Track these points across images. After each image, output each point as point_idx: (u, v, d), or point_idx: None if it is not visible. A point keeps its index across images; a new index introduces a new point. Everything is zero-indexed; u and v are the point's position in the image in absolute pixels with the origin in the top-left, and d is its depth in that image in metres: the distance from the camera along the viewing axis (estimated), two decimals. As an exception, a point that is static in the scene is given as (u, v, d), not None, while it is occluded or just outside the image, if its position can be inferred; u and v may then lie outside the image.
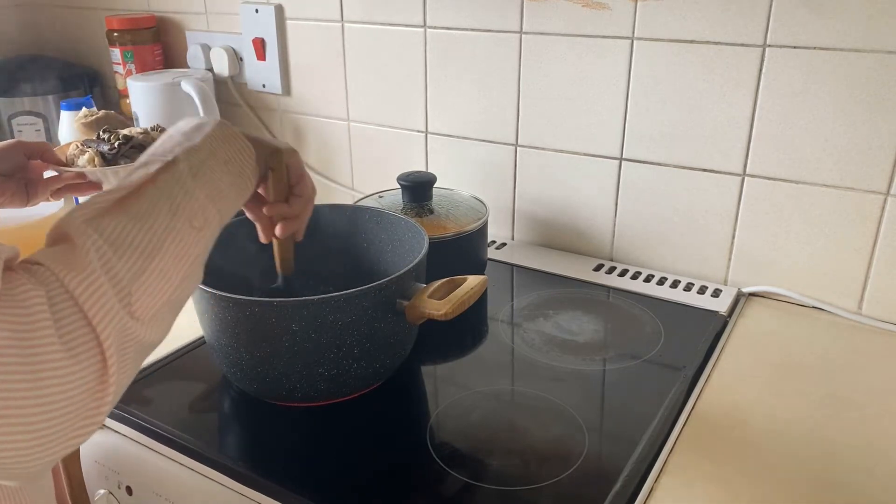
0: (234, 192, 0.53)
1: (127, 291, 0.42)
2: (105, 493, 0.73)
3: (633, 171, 0.97)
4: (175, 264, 0.45)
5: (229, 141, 0.55)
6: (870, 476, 0.62)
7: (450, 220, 0.92)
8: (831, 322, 0.87)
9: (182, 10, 1.36)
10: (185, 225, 0.47)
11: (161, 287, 0.44)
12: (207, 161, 0.51)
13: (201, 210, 0.49)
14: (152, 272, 0.44)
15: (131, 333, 0.42)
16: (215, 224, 0.50)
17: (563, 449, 0.66)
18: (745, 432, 0.68)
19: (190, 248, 0.47)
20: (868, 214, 0.84)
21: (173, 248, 0.45)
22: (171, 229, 0.46)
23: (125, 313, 0.42)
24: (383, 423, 0.70)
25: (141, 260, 0.43)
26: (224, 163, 0.53)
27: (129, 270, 0.42)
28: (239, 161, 0.55)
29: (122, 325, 0.41)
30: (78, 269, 0.40)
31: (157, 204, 0.46)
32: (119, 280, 0.42)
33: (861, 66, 0.79)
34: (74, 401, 0.39)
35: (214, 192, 0.50)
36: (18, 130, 1.41)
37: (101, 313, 0.40)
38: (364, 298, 0.65)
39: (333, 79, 1.19)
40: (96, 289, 0.40)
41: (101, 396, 0.41)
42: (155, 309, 0.44)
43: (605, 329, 0.86)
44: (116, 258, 0.42)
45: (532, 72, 1.00)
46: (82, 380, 0.39)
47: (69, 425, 0.40)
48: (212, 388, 0.76)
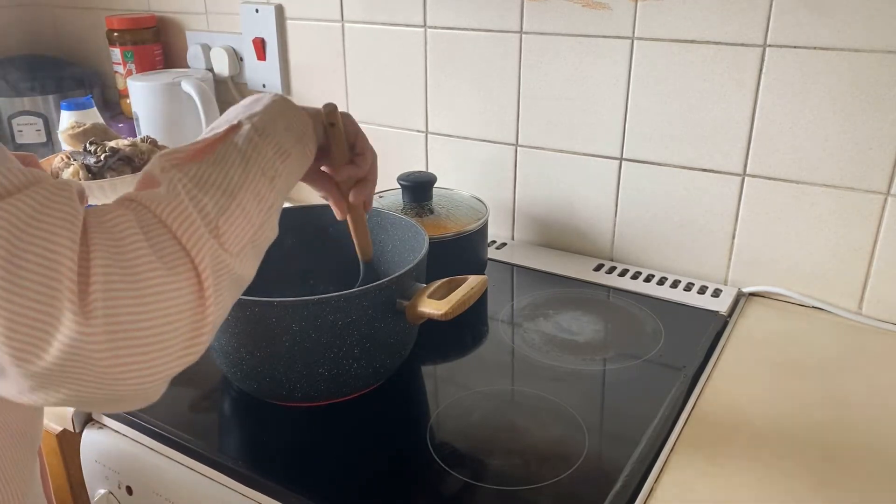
0: (297, 153, 0.55)
1: (215, 224, 0.44)
2: (105, 493, 0.73)
3: (633, 171, 0.97)
4: (255, 206, 0.47)
5: (288, 110, 0.57)
6: (870, 476, 0.62)
7: (450, 220, 0.92)
8: (831, 322, 0.87)
9: (182, 10, 1.36)
10: (258, 173, 0.49)
11: (244, 225, 0.46)
12: (270, 125, 0.53)
13: (271, 163, 0.51)
14: (235, 209, 0.45)
15: (223, 262, 0.43)
16: (285, 178, 0.52)
17: (563, 449, 0.66)
18: (745, 432, 0.68)
19: (266, 194, 0.49)
20: (868, 214, 0.84)
21: (252, 191, 0.47)
22: (246, 174, 0.48)
23: (215, 242, 0.43)
24: (383, 423, 0.70)
25: (224, 198, 0.45)
26: (285, 128, 0.55)
27: (215, 206, 0.44)
28: (298, 128, 0.56)
29: (213, 251, 0.43)
30: (167, 201, 0.43)
31: (230, 156, 0.48)
32: (207, 213, 0.44)
33: (861, 66, 0.79)
34: (178, 316, 0.40)
35: (280, 150, 0.52)
36: (19, 130, 1.41)
37: (193, 238, 0.42)
38: (364, 298, 0.65)
39: (333, 79, 1.19)
40: (186, 217, 0.42)
41: (201, 317, 0.42)
42: (241, 244, 0.45)
43: (606, 329, 0.86)
44: (202, 194, 0.44)
45: (532, 72, 1.00)
46: (183, 295, 0.41)
47: (176, 342, 0.41)
48: (212, 388, 0.76)
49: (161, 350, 0.40)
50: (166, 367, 0.41)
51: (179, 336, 0.41)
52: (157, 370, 0.41)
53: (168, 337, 0.40)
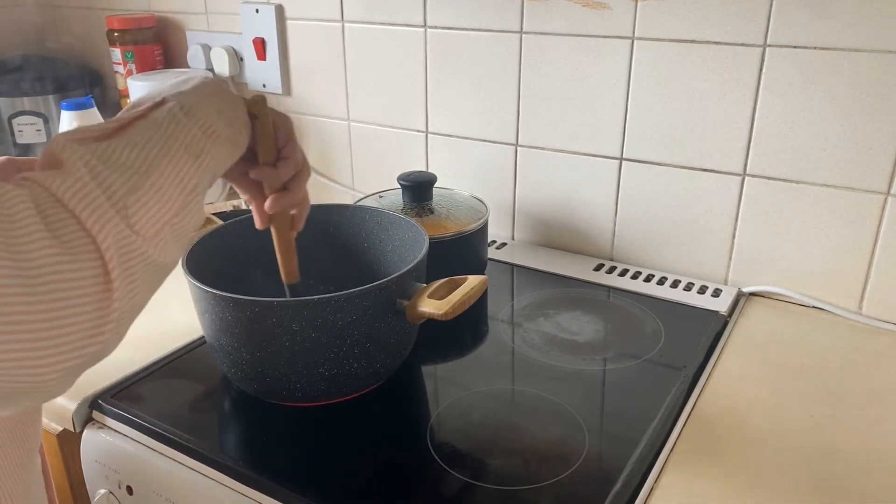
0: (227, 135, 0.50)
1: (122, 203, 0.40)
2: (105, 493, 0.73)
3: (633, 171, 0.97)
4: (174, 186, 0.43)
5: (220, 93, 0.52)
6: (870, 476, 0.62)
7: (450, 220, 0.92)
8: (831, 322, 0.87)
9: (182, 10, 1.36)
10: (180, 150, 0.45)
11: (160, 206, 0.42)
12: (199, 104, 0.49)
13: (196, 141, 0.46)
14: (149, 189, 0.41)
15: (133, 245, 0.40)
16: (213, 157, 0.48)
17: (563, 449, 0.66)
18: (745, 432, 0.68)
19: (188, 173, 0.44)
20: (868, 214, 0.84)
21: (170, 170, 0.43)
22: (165, 152, 0.44)
23: (121, 222, 0.39)
24: (383, 423, 0.70)
25: (136, 177, 0.41)
26: (216, 111, 0.50)
27: (124, 185, 0.40)
28: (231, 111, 0.52)
29: (119, 232, 0.39)
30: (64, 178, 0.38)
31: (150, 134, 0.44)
32: (113, 192, 0.40)
33: (861, 66, 0.79)
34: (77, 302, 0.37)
35: (208, 129, 0.48)
36: (19, 130, 1.41)
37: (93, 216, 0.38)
38: (364, 298, 0.65)
39: (333, 79, 1.19)
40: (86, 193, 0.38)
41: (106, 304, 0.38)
42: (157, 227, 0.42)
43: (606, 329, 0.86)
44: (108, 172, 0.40)
45: (532, 72, 1.00)
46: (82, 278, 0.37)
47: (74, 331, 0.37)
48: (212, 388, 0.76)
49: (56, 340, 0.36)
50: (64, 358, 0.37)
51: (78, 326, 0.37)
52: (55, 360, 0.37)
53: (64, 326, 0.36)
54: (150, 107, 0.47)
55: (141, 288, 0.41)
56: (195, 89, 0.51)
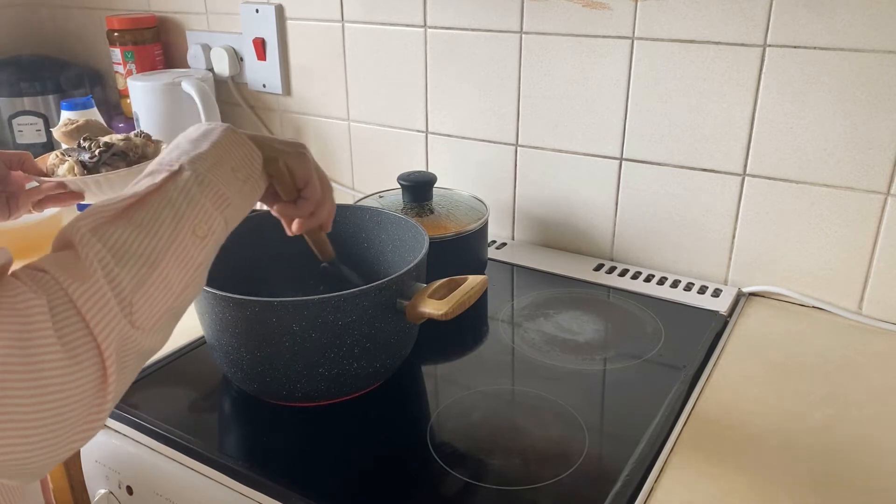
0: (240, 199, 0.53)
1: (129, 301, 0.42)
2: (105, 493, 0.73)
3: (633, 171, 0.97)
4: (178, 273, 0.46)
5: (237, 147, 0.55)
6: (870, 476, 0.62)
7: (450, 220, 0.92)
8: (831, 322, 0.87)
9: (183, 10, 1.36)
10: (188, 234, 0.47)
11: (163, 296, 0.45)
12: (214, 169, 0.51)
13: (206, 219, 0.49)
14: (154, 281, 0.44)
15: (132, 342, 0.43)
16: (220, 232, 0.50)
17: (563, 449, 0.66)
18: (745, 432, 0.68)
19: (193, 257, 0.47)
20: (868, 214, 0.84)
21: (176, 258, 0.46)
22: (174, 239, 0.46)
23: (126, 323, 0.42)
24: (384, 423, 0.70)
25: (144, 269, 0.44)
26: (231, 170, 0.53)
27: (132, 280, 0.43)
28: (247, 167, 0.54)
29: (122, 334, 0.42)
30: (81, 279, 0.41)
31: (161, 213, 0.46)
32: (122, 290, 0.42)
33: (861, 66, 0.79)
34: (75, 405, 0.40)
35: (220, 199, 0.50)
36: (19, 130, 1.41)
37: (102, 323, 0.41)
38: (364, 298, 0.65)
39: (333, 79, 1.19)
40: (98, 299, 0.41)
41: (100, 403, 0.42)
42: (156, 318, 0.45)
43: (606, 329, 0.86)
44: (119, 268, 0.43)
45: (532, 72, 1.00)
46: (83, 385, 0.40)
47: (69, 429, 0.40)
48: (212, 388, 0.76)
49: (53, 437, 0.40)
50: (57, 451, 0.41)
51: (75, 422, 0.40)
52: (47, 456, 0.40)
53: (62, 425, 0.40)
54: (166, 178, 0.49)
55: (131, 373, 0.44)
56: (213, 148, 0.53)
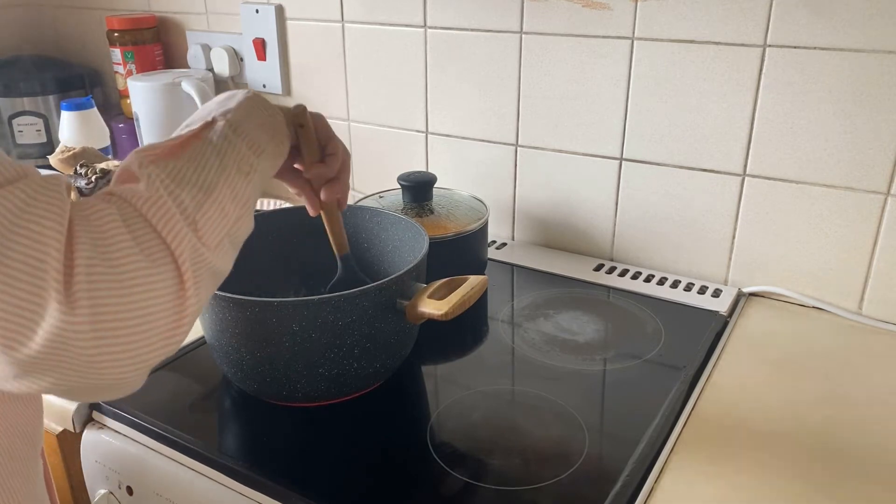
0: (272, 148, 0.56)
1: (193, 218, 0.45)
2: (105, 493, 0.73)
3: (633, 171, 0.97)
4: (231, 201, 0.48)
5: (261, 108, 0.57)
6: (870, 476, 0.62)
7: (450, 220, 0.92)
8: (831, 322, 0.87)
9: (183, 10, 1.36)
10: (233, 169, 0.50)
11: (220, 220, 0.47)
12: (244, 121, 0.54)
13: (245, 158, 0.52)
14: (212, 204, 0.46)
15: (202, 256, 0.44)
16: (260, 173, 0.53)
17: (563, 449, 0.66)
18: (745, 432, 0.68)
19: (241, 189, 0.50)
20: (868, 214, 0.84)
21: (227, 187, 0.48)
22: (222, 171, 0.49)
23: (193, 235, 0.44)
24: (384, 423, 0.70)
25: (201, 193, 0.46)
26: (259, 125, 0.55)
27: (192, 200, 0.45)
28: (272, 124, 0.57)
29: (192, 244, 0.44)
30: (147, 195, 0.44)
31: (206, 152, 0.49)
32: (185, 208, 0.45)
33: (861, 66, 0.79)
34: (160, 307, 0.42)
35: (254, 145, 0.53)
36: (19, 130, 1.41)
37: (172, 232, 0.43)
38: (364, 298, 0.65)
39: (333, 79, 1.19)
40: (165, 211, 0.43)
41: (181, 308, 0.43)
42: (218, 238, 0.46)
43: (606, 329, 0.86)
44: (179, 189, 0.45)
45: (532, 72, 1.00)
46: (164, 286, 0.42)
47: (157, 332, 0.42)
48: (212, 388, 0.76)
49: (143, 340, 0.41)
50: (148, 356, 0.42)
51: (161, 326, 0.42)
52: (139, 359, 0.42)
53: (150, 327, 0.41)
54: (202, 126, 0.52)
55: (205, 291, 0.46)
56: (240, 106, 0.55)
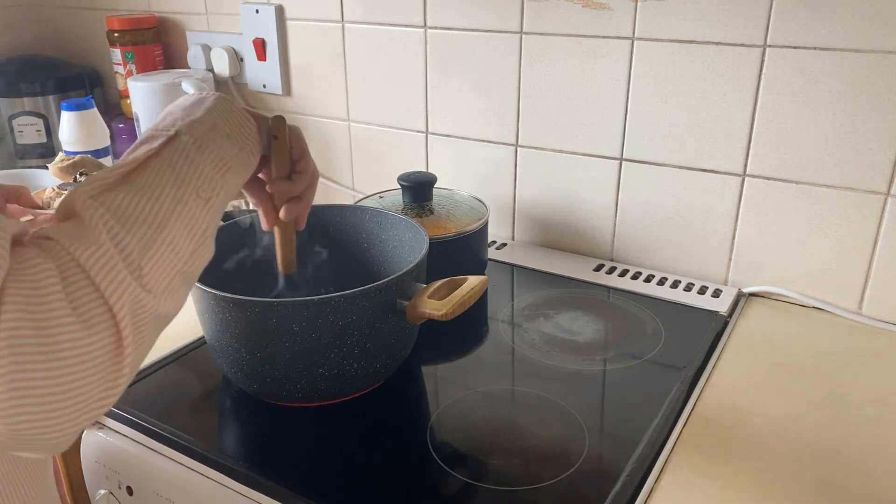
0: (239, 163, 0.53)
1: (137, 264, 0.42)
2: (105, 493, 0.73)
3: (633, 171, 0.97)
4: (185, 235, 0.45)
5: (230, 114, 0.54)
6: (870, 476, 0.62)
7: (450, 221, 0.92)
8: (831, 322, 0.87)
9: (183, 10, 1.36)
10: (192, 196, 0.46)
11: (171, 259, 0.44)
12: (210, 133, 0.51)
13: (208, 181, 0.48)
14: (161, 244, 0.44)
15: (145, 305, 0.42)
16: (223, 195, 0.50)
17: (563, 449, 0.66)
18: (745, 432, 0.68)
19: (199, 219, 0.47)
20: (868, 214, 0.84)
21: (182, 220, 0.45)
22: (178, 201, 0.46)
23: (137, 285, 0.42)
24: (384, 423, 0.70)
25: (150, 232, 0.43)
26: (227, 136, 0.52)
27: (139, 243, 0.42)
28: (242, 134, 0.54)
29: (134, 296, 0.41)
30: (87, 243, 0.40)
31: (163, 177, 0.46)
32: (129, 253, 0.42)
33: (861, 66, 0.79)
34: (92, 372, 0.39)
35: (220, 162, 0.50)
36: (19, 131, 1.41)
37: (112, 285, 0.40)
38: (364, 299, 0.65)
39: (333, 79, 1.19)
40: (107, 261, 0.40)
41: (118, 368, 0.41)
42: (167, 281, 0.44)
43: (606, 329, 0.86)
44: (125, 231, 0.42)
45: (532, 72, 1.00)
46: (98, 351, 0.40)
47: (88, 398, 0.40)
48: (212, 388, 0.76)
49: (70, 407, 0.39)
50: (75, 422, 0.40)
51: (91, 393, 0.40)
52: (65, 426, 0.40)
53: (78, 394, 0.39)
54: (164, 143, 0.48)
55: (148, 339, 0.44)
56: (207, 114, 0.52)
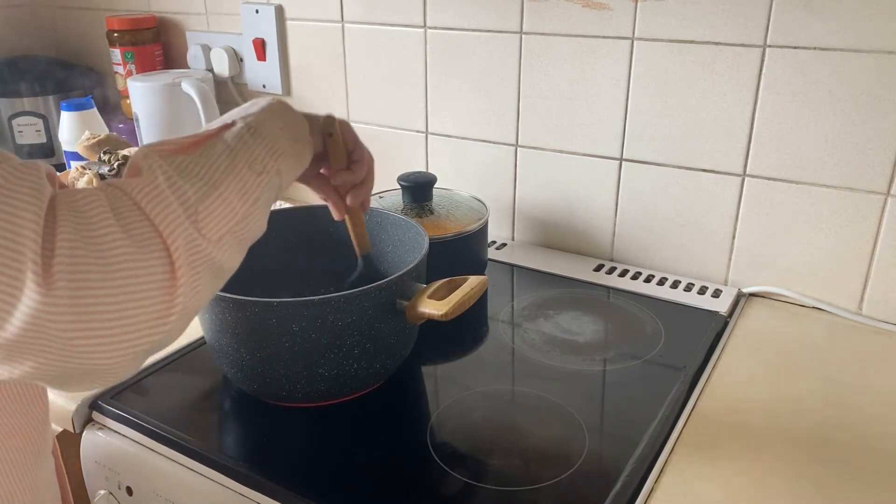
0: (292, 154, 0.55)
1: (194, 209, 0.44)
2: (105, 493, 0.73)
3: (633, 171, 0.97)
4: (238, 198, 0.47)
5: (285, 113, 0.57)
6: (870, 476, 0.62)
7: (450, 221, 0.92)
8: (831, 322, 0.87)
9: (182, 10, 1.36)
10: (244, 167, 0.49)
11: (225, 215, 0.46)
12: (264, 125, 0.54)
13: (259, 159, 0.51)
14: (216, 198, 0.46)
15: (200, 248, 0.44)
16: (275, 175, 0.52)
17: (563, 449, 0.66)
18: (745, 432, 0.68)
19: (251, 188, 0.49)
20: (868, 214, 0.84)
21: (235, 184, 0.48)
22: (231, 168, 0.48)
23: (190, 225, 0.43)
24: (384, 424, 0.70)
25: (206, 187, 0.46)
26: (280, 129, 0.55)
27: (196, 193, 0.45)
28: (294, 130, 0.57)
29: (188, 235, 0.43)
30: (143, 184, 0.43)
31: (217, 150, 0.49)
32: (186, 199, 0.44)
33: (861, 66, 0.79)
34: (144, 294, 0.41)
35: (273, 148, 0.53)
36: (19, 131, 1.41)
37: (166, 220, 0.42)
38: (364, 299, 0.65)
39: (333, 79, 1.19)
40: (161, 200, 0.43)
41: (169, 298, 0.42)
42: (221, 233, 0.46)
43: (606, 329, 0.86)
44: (182, 181, 0.44)
45: (532, 72, 1.00)
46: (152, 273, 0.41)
47: (141, 320, 0.41)
48: (212, 388, 0.76)
49: (126, 325, 0.40)
50: (132, 343, 0.41)
51: (146, 313, 0.41)
52: (122, 345, 0.41)
53: (134, 313, 0.40)
54: (221, 127, 0.52)
55: (203, 285, 0.45)
56: (262, 111, 0.55)
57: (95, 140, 1.07)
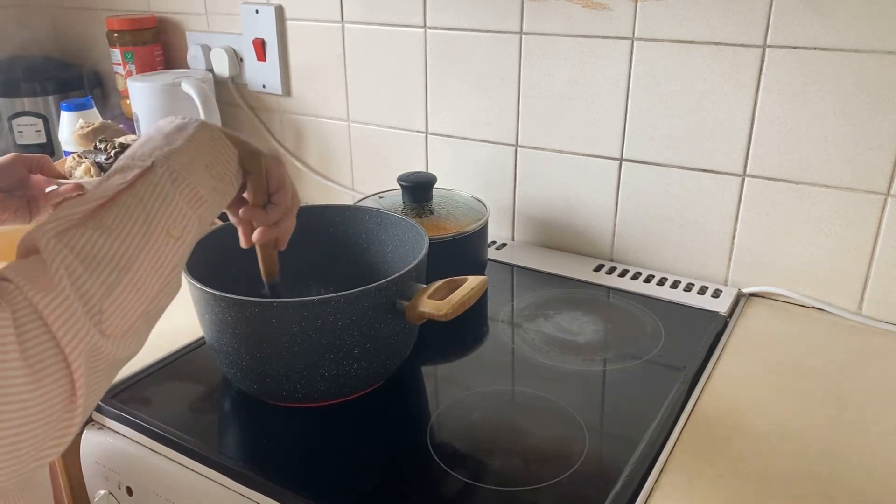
0: (215, 197, 0.52)
1: (98, 309, 0.41)
2: (105, 494, 0.73)
3: (633, 172, 0.97)
4: (151, 276, 0.44)
5: (212, 143, 0.53)
6: (869, 476, 0.62)
7: (450, 221, 0.92)
8: (831, 322, 0.87)
9: (182, 10, 1.36)
10: (161, 235, 0.45)
11: (135, 301, 0.43)
12: (188, 165, 0.50)
13: (180, 217, 0.47)
14: (125, 286, 0.43)
15: (102, 352, 0.41)
16: (195, 231, 0.49)
17: (563, 449, 0.66)
18: (745, 432, 0.68)
19: (167, 258, 0.46)
20: (868, 214, 0.84)
21: (149, 260, 0.44)
22: (146, 240, 0.44)
23: (96, 332, 0.41)
24: (384, 424, 0.70)
25: (114, 275, 0.42)
26: (205, 167, 0.51)
27: (101, 287, 0.41)
28: (221, 164, 0.53)
29: (92, 344, 0.41)
30: (47, 289, 0.39)
31: (133, 213, 0.45)
32: (90, 298, 0.41)
33: (861, 66, 0.79)
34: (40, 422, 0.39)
35: (194, 197, 0.49)
36: (19, 131, 1.41)
37: (70, 335, 0.39)
38: (364, 299, 0.65)
39: (333, 79, 1.19)
40: (66, 309, 0.39)
41: (69, 417, 0.40)
42: (128, 325, 0.43)
43: (606, 329, 0.86)
44: (87, 275, 0.41)
45: (532, 72, 1.00)
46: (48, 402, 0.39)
47: (36, 444, 0.39)
48: (212, 389, 0.76)
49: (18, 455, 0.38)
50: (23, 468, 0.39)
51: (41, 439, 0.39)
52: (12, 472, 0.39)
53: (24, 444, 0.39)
54: (138, 174, 0.47)
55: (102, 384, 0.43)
56: (187, 144, 0.51)
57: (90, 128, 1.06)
